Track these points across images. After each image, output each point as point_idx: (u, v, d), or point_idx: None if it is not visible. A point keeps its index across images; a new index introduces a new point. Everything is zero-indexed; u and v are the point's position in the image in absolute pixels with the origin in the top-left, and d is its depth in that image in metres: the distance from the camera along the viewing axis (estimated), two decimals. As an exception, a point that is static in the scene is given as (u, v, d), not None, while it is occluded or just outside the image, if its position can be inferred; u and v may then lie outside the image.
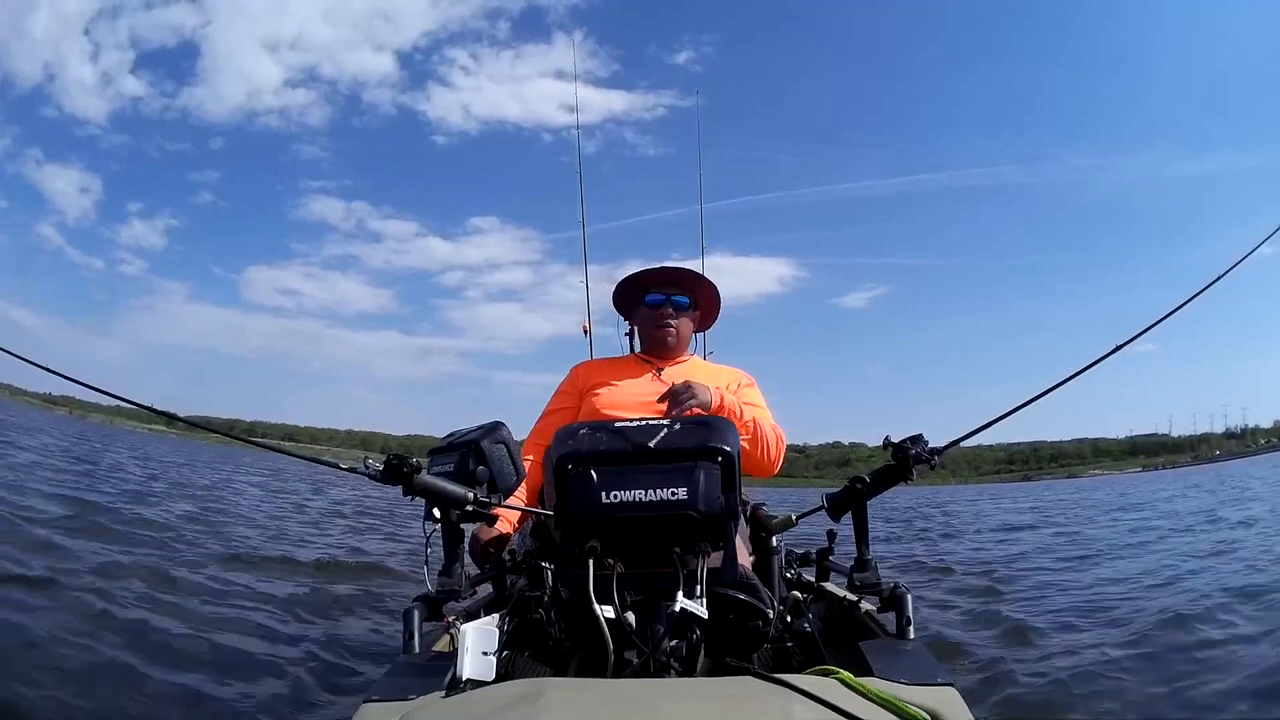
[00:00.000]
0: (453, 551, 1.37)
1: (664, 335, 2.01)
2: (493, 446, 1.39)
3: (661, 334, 2.01)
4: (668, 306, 2.00)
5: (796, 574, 1.82)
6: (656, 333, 2.01)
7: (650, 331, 2.03)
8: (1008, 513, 15.41)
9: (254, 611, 3.32)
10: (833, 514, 1.47)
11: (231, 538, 5.65)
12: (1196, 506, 12.58)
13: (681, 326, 2.02)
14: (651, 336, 2.04)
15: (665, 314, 2.00)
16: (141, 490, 8.57)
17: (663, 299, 2.00)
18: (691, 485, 1.08)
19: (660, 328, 2.01)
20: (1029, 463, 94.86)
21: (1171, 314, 1.47)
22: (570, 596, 1.22)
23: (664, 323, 2.00)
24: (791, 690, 0.87)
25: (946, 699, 0.98)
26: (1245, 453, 72.65)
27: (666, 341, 2.02)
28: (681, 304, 2.01)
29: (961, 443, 1.45)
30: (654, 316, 2.01)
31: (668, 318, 2.00)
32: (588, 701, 0.97)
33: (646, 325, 2.04)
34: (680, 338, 2.03)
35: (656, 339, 2.02)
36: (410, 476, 1.26)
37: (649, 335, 2.04)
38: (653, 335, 2.03)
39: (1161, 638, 3.29)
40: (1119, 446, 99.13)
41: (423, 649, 1.26)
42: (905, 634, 1.29)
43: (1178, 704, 2.48)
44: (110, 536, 4.75)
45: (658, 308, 2.01)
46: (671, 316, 2.00)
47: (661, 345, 2.03)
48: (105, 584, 3.33)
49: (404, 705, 0.99)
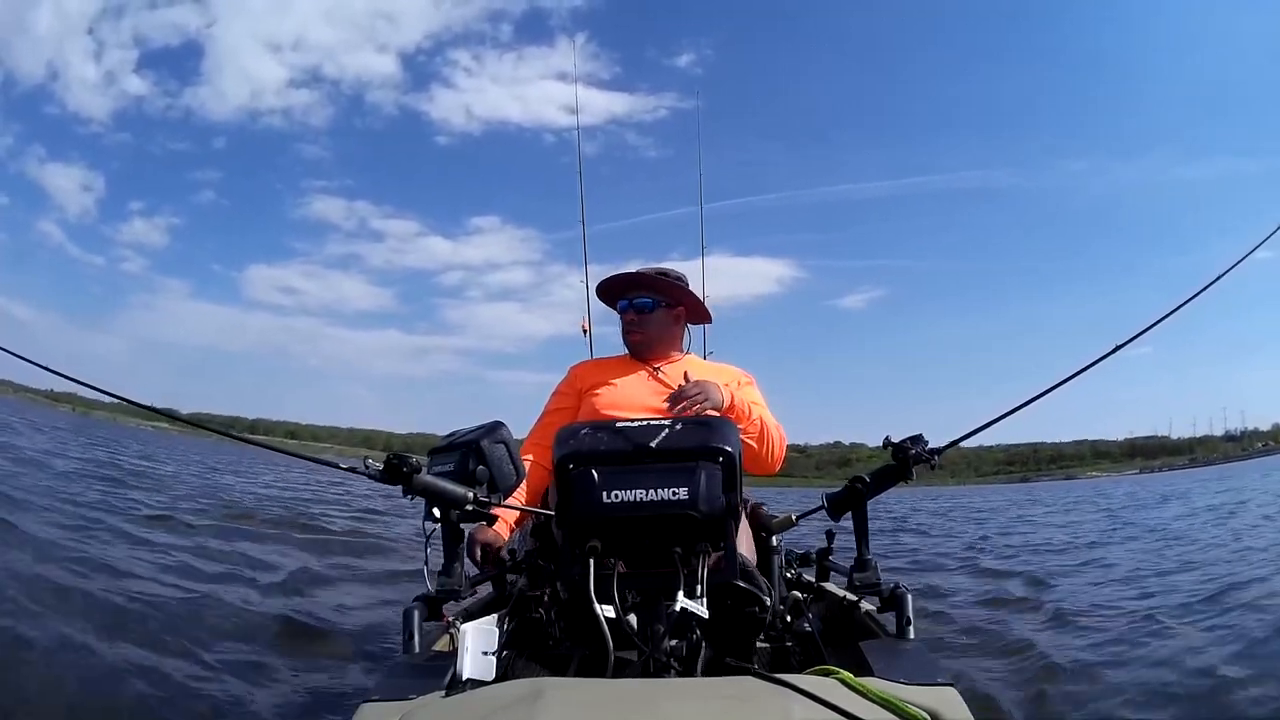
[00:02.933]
0: (453, 551, 1.37)
1: (632, 341, 2.03)
2: (492, 446, 1.39)
3: (630, 340, 2.03)
4: (630, 312, 2.00)
5: (796, 574, 1.82)
6: (628, 339, 2.04)
7: (623, 338, 2.05)
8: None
9: (254, 611, 3.32)
10: (833, 514, 1.47)
11: (232, 536, 5.64)
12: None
13: (650, 328, 2.01)
14: (625, 343, 2.06)
15: (628, 319, 2.01)
16: (167, 491, 8.56)
17: (626, 304, 2.01)
18: (692, 485, 1.08)
19: (630, 332, 2.02)
20: (1029, 464, 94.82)
21: (1169, 315, 1.48)
22: (570, 596, 1.23)
23: (631, 328, 2.01)
24: (791, 690, 0.87)
25: (946, 699, 0.98)
26: (1241, 456, 72.64)
27: (636, 347, 2.03)
28: (644, 306, 2.00)
29: (961, 443, 1.46)
30: (624, 323, 2.03)
31: (632, 323, 2.01)
32: (588, 701, 0.97)
33: (622, 332, 2.06)
34: (652, 339, 2.02)
35: (628, 344, 2.05)
36: (410, 476, 1.26)
37: (624, 341, 2.06)
38: (625, 341, 2.05)
39: (1163, 637, 3.29)
40: (1118, 449, 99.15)
41: (423, 649, 1.26)
42: (905, 634, 1.29)
43: (1179, 704, 2.48)
44: (112, 534, 4.75)
45: (623, 314, 2.03)
46: (635, 321, 2.00)
47: (635, 350, 2.04)
48: (107, 580, 3.33)
49: (404, 705, 0.99)
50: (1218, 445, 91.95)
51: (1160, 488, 23.53)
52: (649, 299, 2.01)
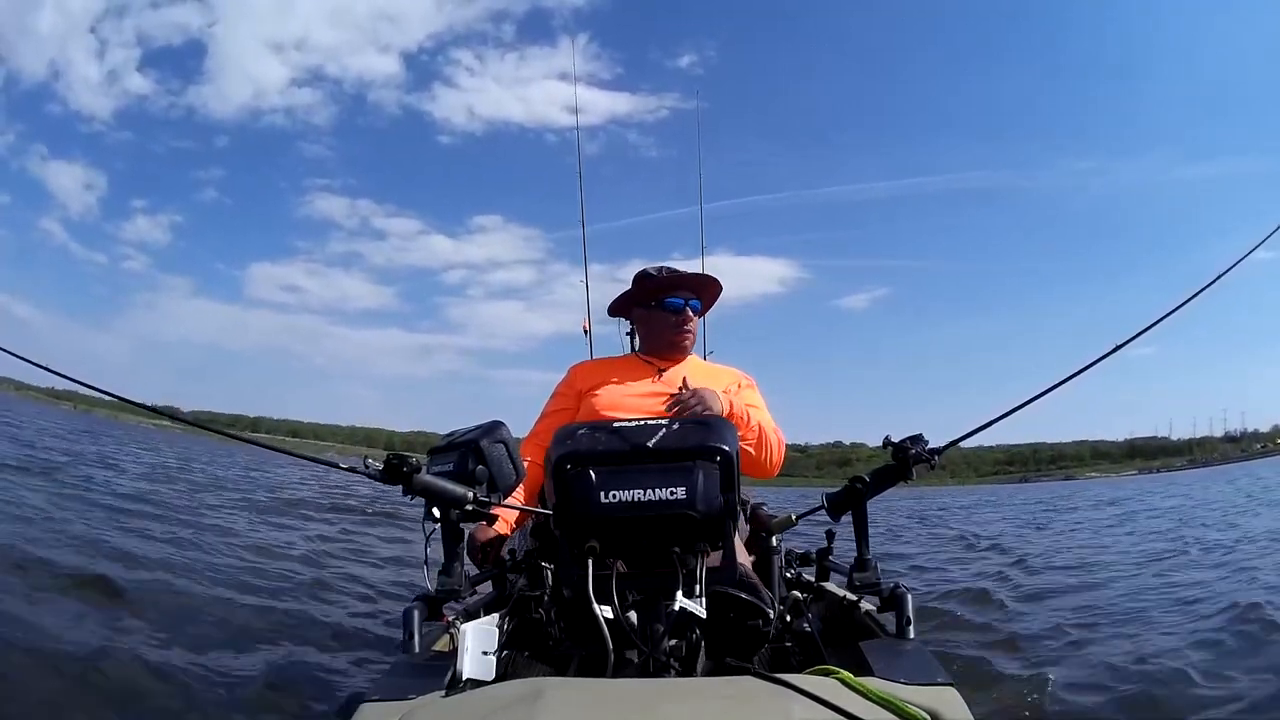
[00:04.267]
0: (453, 551, 1.37)
1: (683, 340, 2.00)
2: (492, 446, 1.39)
3: (681, 339, 1.99)
4: (687, 311, 1.98)
5: (796, 574, 1.82)
6: (675, 337, 1.99)
7: (668, 336, 2.00)
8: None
9: (253, 610, 3.31)
10: (833, 514, 1.47)
11: (232, 535, 5.64)
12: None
13: (694, 331, 2.02)
14: (669, 341, 2.00)
15: (687, 319, 1.98)
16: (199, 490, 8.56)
17: (681, 303, 1.98)
18: (690, 485, 1.09)
19: (680, 333, 1.99)
20: (1028, 464, 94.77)
21: (1169, 315, 1.48)
22: (570, 596, 1.23)
23: (684, 328, 1.98)
24: (791, 690, 0.87)
25: (946, 699, 0.98)
26: (1240, 457, 72.58)
27: (685, 346, 2.01)
28: (697, 308, 2.01)
29: (961, 442, 1.46)
30: (675, 321, 1.98)
31: (688, 323, 1.98)
32: (588, 701, 0.97)
33: (663, 329, 2.00)
34: (692, 342, 2.04)
35: (675, 343, 2.00)
36: (410, 476, 1.26)
37: (665, 339, 2.00)
38: (670, 340, 2.00)
39: (1168, 635, 3.29)
40: (1117, 449, 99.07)
41: (422, 649, 1.26)
42: (905, 634, 1.29)
43: (1182, 704, 2.48)
44: (118, 531, 4.75)
45: (678, 312, 1.97)
46: (688, 321, 1.99)
47: (679, 350, 2.01)
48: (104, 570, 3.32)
49: (404, 705, 0.99)
50: (1217, 446, 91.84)
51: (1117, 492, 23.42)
52: (698, 301, 2.02)
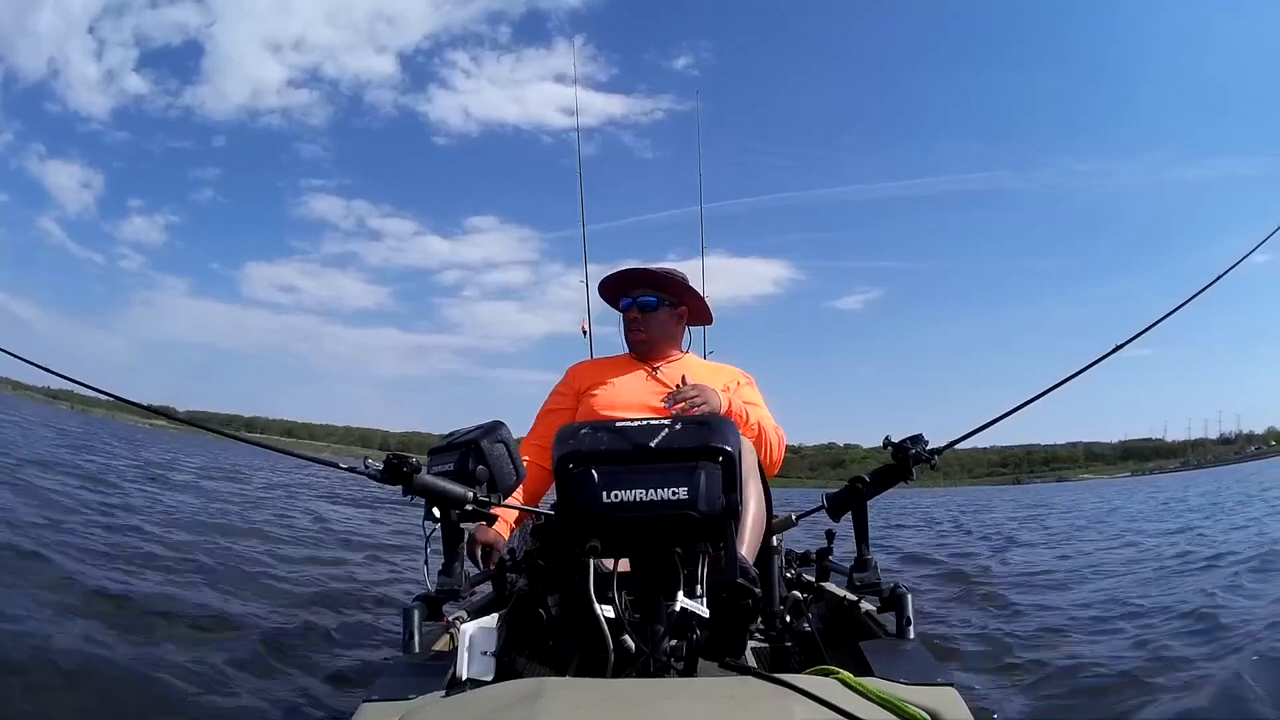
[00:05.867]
0: (453, 551, 1.37)
1: (635, 338, 2.02)
2: (492, 446, 1.39)
3: (634, 336, 2.02)
4: (634, 310, 1.99)
5: (796, 574, 1.83)
6: (630, 336, 2.03)
7: (626, 336, 2.04)
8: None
9: (252, 610, 3.30)
10: (833, 514, 1.48)
11: (232, 534, 5.62)
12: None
13: (653, 327, 2.00)
14: (628, 340, 2.04)
15: (634, 317, 2.00)
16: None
17: (629, 302, 2.00)
18: (692, 485, 1.08)
19: (632, 331, 2.01)
20: (1021, 466, 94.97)
21: (1167, 316, 1.49)
22: (570, 596, 1.23)
23: (635, 326, 2.00)
24: (791, 690, 0.87)
25: (946, 699, 0.98)
26: (1234, 459, 72.86)
27: (639, 346, 2.02)
28: (648, 304, 1.99)
29: (961, 443, 1.46)
30: (626, 321, 2.02)
31: (635, 322, 2.00)
32: (588, 701, 0.97)
33: (624, 330, 2.04)
34: (655, 338, 2.01)
35: (631, 343, 2.04)
36: (410, 476, 1.26)
37: (626, 339, 2.05)
38: (628, 339, 2.04)
39: (1169, 634, 3.29)
40: (1111, 451, 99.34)
41: (423, 649, 1.26)
42: (905, 634, 1.29)
43: (1183, 703, 2.48)
44: (118, 531, 4.73)
45: (626, 311, 2.01)
46: (638, 320, 1.99)
47: (637, 349, 2.03)
48: (106, 573, 3.31)
49: (404, 705, 0.99)
50: (1210, 448, 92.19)
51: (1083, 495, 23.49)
52: (653, 297, 2.00)
